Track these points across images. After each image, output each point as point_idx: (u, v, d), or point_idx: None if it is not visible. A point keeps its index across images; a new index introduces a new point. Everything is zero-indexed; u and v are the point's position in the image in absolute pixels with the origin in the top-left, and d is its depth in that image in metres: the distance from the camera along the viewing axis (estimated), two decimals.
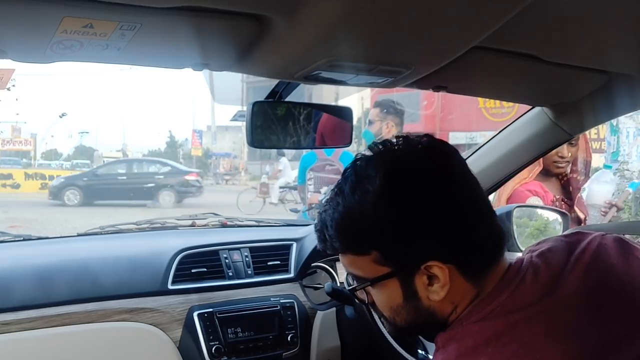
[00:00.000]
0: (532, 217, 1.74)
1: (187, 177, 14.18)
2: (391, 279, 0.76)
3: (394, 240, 0.74)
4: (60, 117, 25.45)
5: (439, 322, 0.78)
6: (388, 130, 2.96)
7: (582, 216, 2.03)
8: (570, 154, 1.97)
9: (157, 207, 12.79)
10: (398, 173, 0.75)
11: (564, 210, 1.83)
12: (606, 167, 2.24)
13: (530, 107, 1.39)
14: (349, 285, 0.83)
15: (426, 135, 0.79)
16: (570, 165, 2.01)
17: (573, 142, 1.95)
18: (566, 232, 0.85)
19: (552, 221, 1.73)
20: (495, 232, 0.78)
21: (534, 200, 1.89)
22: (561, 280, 0.75)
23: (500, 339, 0.70)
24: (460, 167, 0.79)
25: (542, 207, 1.82)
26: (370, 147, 0.80)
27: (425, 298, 0.76)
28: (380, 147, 0.79)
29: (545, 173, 2.01)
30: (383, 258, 0.75)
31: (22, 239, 1.52)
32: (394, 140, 0.79)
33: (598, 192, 2.12)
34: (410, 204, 0.73)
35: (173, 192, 13.63)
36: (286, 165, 12.80)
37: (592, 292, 0.74)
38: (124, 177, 13.99)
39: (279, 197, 12.22)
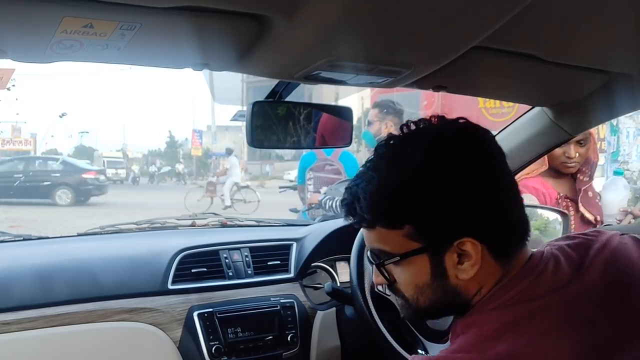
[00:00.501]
0: (532, 217, 1.74)
1: (85, 176, 14.00)
2: (421, 254, 0.75)
3: (430, 214, 0.73)
4: (60, 117, 25.45)
5: (462, 303, 0.78)
6: (387, 131, 2.95)
7: (590, 217, 2.00)
8: (578, 154, 1.94)
9: (55, 205, 12.73)
10: (440, 147, 0.75)
11: (564, 211, 1.82)
12: (617, 172, 2.16)
13: (530, 107, 1.39)
14: (372, 262, 0.81)
15: (461, 117, 0.79)
16: (580, 165, 1.99)
17: (582, 142, 1.93)
18: (586, 231, 0.86)
19: (552, 221, 1.72)
20: (523, 217, 0.79)
21: (527, 198, 1.87)
22: (580, 273, 0.75)
23: (518, 326, 0.70)
24: (496, 150, 0.79)
25: (542, 207, 1.81)
26: (402, 128, 0.79)
27: (454, 276, 0.75)
28: (418, 124, 0.78)
29: (557, 171, 1.99)
30: (416, 232, 0.74)
31: (22, 239, 1.52)
32: (432, 118, 0.79)
33: (611, 200, 2.07)
34: (450, 178, 0.73)
35: (70, 190, 13.50)
36: (233, 164, 12.43)
37: (610, 288, 0.75)
38: (21, 175, 13.80)
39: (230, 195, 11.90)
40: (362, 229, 0.81)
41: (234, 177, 12.12)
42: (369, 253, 0.82)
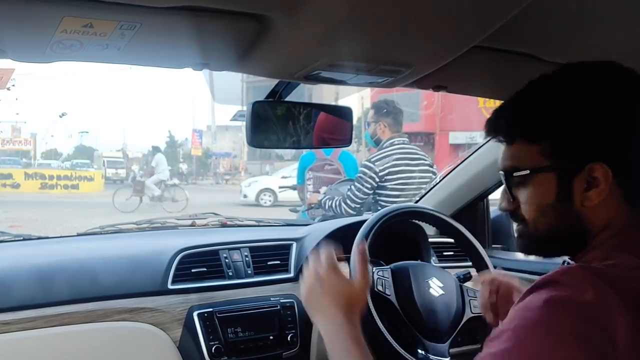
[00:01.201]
0: None
1: None
2: (550, 172, 0.76)
3: (569, 131, 0.75)
4: (60, 117, 25.47)
5: (582, 234, 0.77)
6: (382, 132, 2.95)
7: None
8: None
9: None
10: (592, 75, 0.76)
11: None
12: None
13: None
14: (505, 176, 0.82)
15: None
16: None
17: None
18: None
19: None
20: None
21: None
22: None
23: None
24: None
25: None
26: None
27: (578, 202, 0.75)
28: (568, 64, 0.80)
29: None
30: (552, 150, 0.76)
31: (22, 238, 1.52)
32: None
33: None
34: (600, 100, 0.74)
35: None
36: (159, 162, 12.51)
37: None
38: None
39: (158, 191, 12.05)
40: (501, 149, 0.83)
41: (161, 175, 12.32)
42: (501, 173, 0.83)
